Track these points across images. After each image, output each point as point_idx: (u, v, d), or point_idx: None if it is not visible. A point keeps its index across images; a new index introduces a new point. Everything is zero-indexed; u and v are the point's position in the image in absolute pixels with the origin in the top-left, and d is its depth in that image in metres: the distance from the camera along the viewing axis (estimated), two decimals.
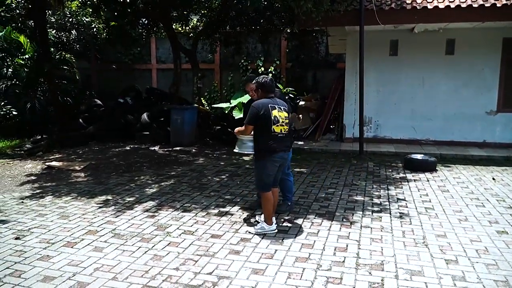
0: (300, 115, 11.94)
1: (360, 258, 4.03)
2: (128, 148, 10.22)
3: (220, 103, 14.47)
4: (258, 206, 5.38)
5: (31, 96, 11.73)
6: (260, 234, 4.60)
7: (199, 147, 10.48)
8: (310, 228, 4.85)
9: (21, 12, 12.96)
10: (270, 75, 14.09)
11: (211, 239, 4.51)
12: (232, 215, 5.32)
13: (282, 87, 12.80)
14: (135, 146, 10.49)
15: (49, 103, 11.80)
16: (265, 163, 4.57)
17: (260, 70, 15.35)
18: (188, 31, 14.55)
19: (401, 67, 10.38)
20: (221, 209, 5.54)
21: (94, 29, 14.85)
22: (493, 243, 4.41)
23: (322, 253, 4.15)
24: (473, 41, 9.89)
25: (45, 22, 11.09)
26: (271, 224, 4.65)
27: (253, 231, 4.67)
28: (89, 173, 7.70)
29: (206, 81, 14.71)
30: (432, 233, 4.70)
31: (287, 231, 4.74)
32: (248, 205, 5.69)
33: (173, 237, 4.58)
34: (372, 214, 5.36)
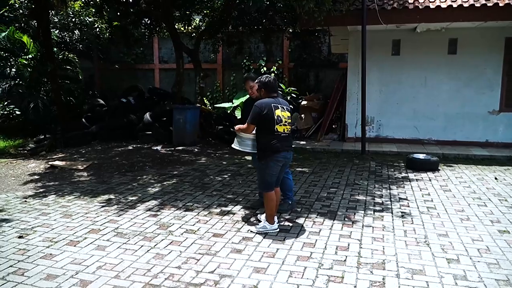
0: (302, 115, 11.95)
1: (361, 257, 4.04)
2: (130, 147, 10.25)
3: (222, 103, 14.49)
4: (260, 206, 5.40)
5: (34, 96, 11.76)
6: (262, 233, 4.61)
7: (202, 146, 10.50)
8: (312, 227, 4.86)
9: (24, 12, 12.99)
10: (273, 74, 14.13)
11: (213, 238, 4.53)
12: (234, 214, 5.34)
13: (284, 87, 12.83)
14: (138, 145, 10.52)
15: (52, 102, 11.83)
16: (268, 163, 4.58)
17: (262, 70, 15.36)
18: (190, 31, 14.57)
19: (404, 67, 10.36)
20: (223, 208, 5.56)
21: (97, 29, 14.88)
22: (495, 242, 4.41)
23: (324, 252, 4.16)
24: (476, 40, 9.88)
25: (48, 22, 11.12)
26: (273, 223, 4.67)
27: (255, 230, 4.69)
28: (92, 173, 7.73)
29: (208, 81, 14.71)
30: (434, 232, 4.71)
31: (289, 230, 4.75)
32: (250, 204, 5.70)
33: (175, 236, 4.60)
34: (374, 213, 5.37)
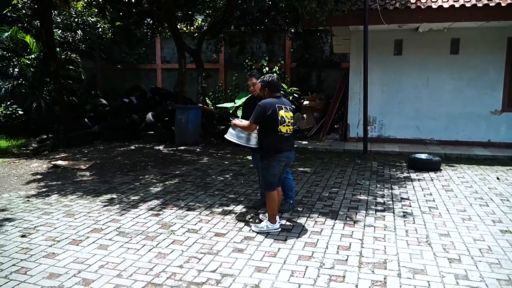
0: (304, 115, 11.96)
1: (363, 256, 4.04)
2: (133, 147, 10.27)
3: (224, 103, 14.51)
4: (262, 205, 5.41)
5: (37, 96, 11.79)
6: (263, 233, 4.62)
7: (204, 146, 10.52)
8: (313, 227, 4.86)
9: (27, 12, 13.04)
10: (275, 74, 14.13)
11: (215, 238, 4.54)
12: (236, 214, 5.35)
13: (286, 87, 12.83)
14: (140, 145, 10.54)
15: (55, 102, 11.86)
16: (271, 163, 4.58)
17: (264, 70, 15.37)
18: (193, 31, 14.59)
19: (406, 67, 10.36)
20: (225, 208, 5.57)
21: (100, 29, 14.92)
22: (497, 242, 4.41)
23: (325, 251, 4.17)
24: (478, 40, 9.87)
25: (51, 22, 11.15)
26: (275, 223, 4.68)
27: (256, 230, 4.70)
28: (94, 172, 7.76)
29: (210, 81, 14.73)
30: (436, 232, 4.71)
31: (291, 230, 4.76)
32: (252, 204, 5.71)
33: (177, 235, 4.61)
34: (375, 213, 5.37)
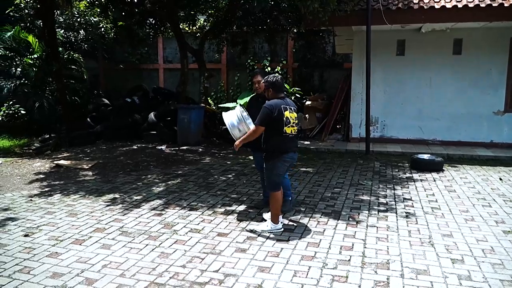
0: (306, 115, 11.95)
1: (366, 257, 4.04)
2: (135, 147, 10.28)
3: (226, 103, 14.49)
4: (264, 205, 5.41)
5: (39, 96, 11.82)
6: (266, 233, 4.62)
7: (206, 146, 10.52)
8: (316, 227, 4.86)
9: (30, 12, 13.06)
10: (278, 74, 14.11)
11: (217, 237, 4.54)
12: (238, 213, 5.35)
13: (288, 87, 12.81)
14: (142, 145, 10.55)
15: (57, 102, 11.89)
16: (276, 163, 4.58)
17: (266, 70, 15.35)
18: (195, 31, 14.59)
19: (408, 67, 10.34)
20: (228, 208, 5.57)
21: (102, 29, 14.93)
22: (499, 242, 4.41)
23: (328, 251, 4.16)
24: (481, 41, 9.85)
25: (53, 22, 11.16)
26: (278, 223, 4.67)
27: (259, 230, 4.70)
28: (96, 172, 7.77)
29: (212, 81, 14.73)
30: (438, 232, 4.71)
31: (293, 230, 4.76)
32: (254, 204, 5.71)
33: (180, 235, 4.62)
34: (378, 213, 5.37)
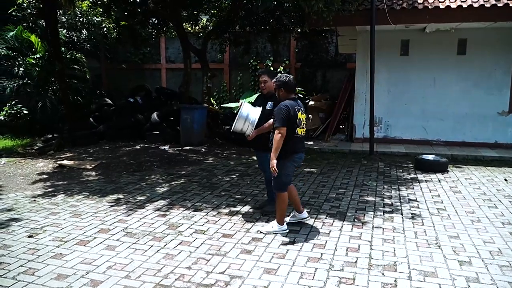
0: (309, 115, 11.91)
1: (372, 258, 4.01)
2: (138, 147, 10.25)
3: (229, 103, 14.46)
4: (269, 206, 5.37)
5: (42, 95, 11.80)
6: (271, 234, 4.59)
7: (209, 146, 10.49)
8: (321, 228, 4.83)
9: (32, 12, 13.03)
10: (279, 74, 14.07)
11: (222, 239, 4.52)
12: (243, 214, 5.32)
13: None
14: (145, 145, 10.52)
15: (60, 102, 11.87)
16: (286, 163, 4.51)
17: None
18: (197, 30, 14.57)
19: (412, 67, 10.30)
20: (232, 209, 5.54)
21: (105, 28, 14.89)
22: (507, 244, 4.37)
23: (334, 253, 4.14)
24: (485, 41, 9.80)
25: (56, 21, 11.14)
26: (283, 224, 4.64)
27: (264, 231, 4.66)
28: (100, 172, 7.74)
29: (215, 81, 14.70)
30: (445, 234, 4.68)
31: (299, 231, 4.73)
32: (258, 204, 5.68)
33: (185, 236, 4.59)
34: (383, 214, 5.34)
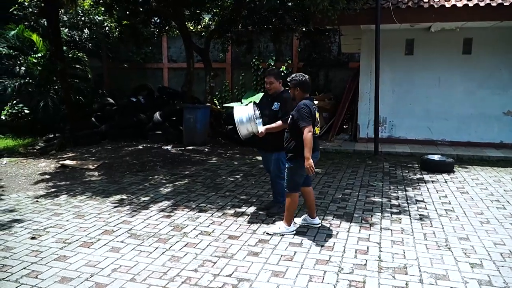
0: None
1: (382, 261, 3.94)
2: (140, 147, 10.18)
3: (231, 102, 14.39)
4: (275, 207, 5.29)
5: (44, 95, 11.74)
6: (278, 236, 4.51)
7: (212, 146, 10.41)
8: (328, 229, 4.76)
9: (34, 11, 12.97)
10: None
11: (228, 240, 4.44)
12: (248, 215, 5.24)
13: None
14: (148, 145, 10.44)
15: (62, 101, 11.80)
16: (301, 163, 4.32)
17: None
18: (200, 30, 14.49)
19: (417, 67, 10.21)
20: (237, 210, 5.47)
21: (106, 27, 14.82)
22: None
23: (343, 255, 4.06)
24: (491, 40, 9.71)
25: (58, 20, 11.06)
26: (290, 225, 4.57)
27: (271, 232, 4.59)
28: (102, 172, 7.67)
29: (217, 80, 14.61)
30: (454, 235, 4.60)
31: (305, 232, 4.65)
32: (264, 205, 5.60)
33: (190, 237, 4.51)
34: (391, 215, 5.26)
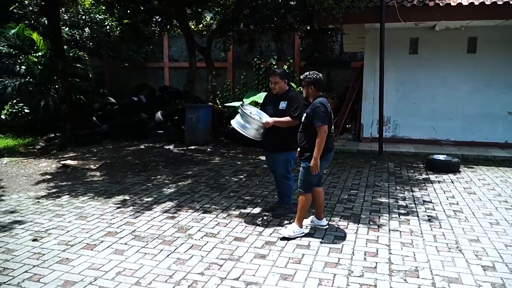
0: None
1: (392, 264, 3.85)
2: (142, 146, 10.07)
3: (232, 102, 14.30)
4: (280, 208, 5.20)
5: (44, 94, 11.65)
6: (286, 237, 4.39)
7: (214, 146, 10.31)
8: (336, 231, 4.67)
9: (34, 9, 12.87)
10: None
11: (234, 242, 4.35)
12: (253, 216, 5.15)
13: (295, 86, 12.61)
14: (150, 144, 10.33)
15: (62, 101, 11.71)
16: (320, 162, 4.28)
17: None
18: (201, 29, 14.40)
19: (421, 66, 10.09)
20: (242, 211, 5.37)
21: (107, 26, 14.73)
22: None
23: (352, 258, 3.97)
24: (496, 39, 9.60)
25: (58, 19, 10.96)
26: (301, 226, 4.47)
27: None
28: (104, 172, 7.57)
29: (218, 79, 14.52)
30: (465, 237, 4.51)
31: (313, 234, 4.56)
32: (269, 206, 5.50)
33: (195, 239, 4.42)
34: (399, 216, 5.17)
